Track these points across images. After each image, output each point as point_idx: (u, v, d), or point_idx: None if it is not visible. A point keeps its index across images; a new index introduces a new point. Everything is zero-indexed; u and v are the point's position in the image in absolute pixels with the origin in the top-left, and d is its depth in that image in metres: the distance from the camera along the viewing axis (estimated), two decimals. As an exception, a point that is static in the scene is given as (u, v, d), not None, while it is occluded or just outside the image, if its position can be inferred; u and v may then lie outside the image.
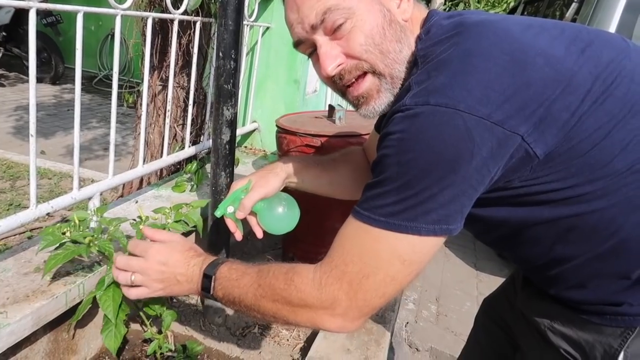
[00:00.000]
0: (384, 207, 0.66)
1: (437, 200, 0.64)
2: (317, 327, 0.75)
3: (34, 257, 1.25)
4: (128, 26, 1.97)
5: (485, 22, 0.70)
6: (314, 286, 0.73)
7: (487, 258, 3.22)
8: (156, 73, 1.94)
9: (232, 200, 1.04)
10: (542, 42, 0.67)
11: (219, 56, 1.36)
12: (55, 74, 6.13)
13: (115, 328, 1.13)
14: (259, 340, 1.54)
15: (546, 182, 0.66)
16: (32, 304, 1.08)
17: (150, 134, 2.01)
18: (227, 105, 1.40)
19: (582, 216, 0.68)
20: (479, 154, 0.61)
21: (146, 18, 1.56)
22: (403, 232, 0.65)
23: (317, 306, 0.73)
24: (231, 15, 1.32)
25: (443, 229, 0.65)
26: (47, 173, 3.08)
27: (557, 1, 3.84)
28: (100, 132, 4.49)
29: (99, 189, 1.43)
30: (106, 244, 1.14)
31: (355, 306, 0.71)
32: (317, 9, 0.75)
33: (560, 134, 0.63)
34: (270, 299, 0.78)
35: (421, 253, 0.68)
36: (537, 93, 0.62)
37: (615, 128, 0.64)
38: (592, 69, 0.65)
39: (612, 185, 0.65)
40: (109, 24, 6.97)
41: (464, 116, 0.61)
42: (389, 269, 0.68)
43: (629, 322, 0.71)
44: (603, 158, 0.64)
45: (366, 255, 0.69)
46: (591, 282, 0.73)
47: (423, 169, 0.63)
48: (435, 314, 2.55)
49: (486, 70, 0.63)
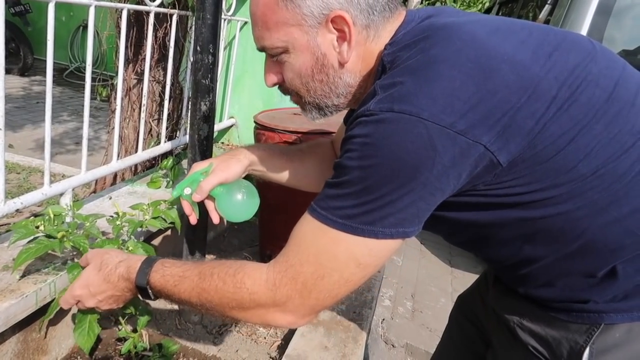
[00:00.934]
0: (343, 209, 0.67)
1: (396, 206, 0.64)
2: (267, 323, 0.76)
3: (2, 254, 1.20)
4: (102, 17, 1.92)
5: (452, 25, 0.70)
6: (267, 287, 0.73)
7: (462, 255, 3.26)
8: (131, 66, 1.90)
9: (190, 182, 1.03)
10: (508, 47, 0.67)
11: (196, 50, 1.34)
12: (24, 65, 5.95)
13: (88, 327, 1.10)
14: (236, 338, 1.53)
15: (510, 186, 0.67)
16: (1, 304, 1.04)
17: (124, 128, 1.96)
18: (204, 100, 1.38)
19: (548, 219, 0.69)
20: (440, 163, 0.62)
21: (121, 9, 1.52)
22: (360, 235, 0.66)
23: (269, 305, 0.74)
24: (209, 9, 1.30)
25: (399, 232, 0.66)
26: (15, 168, 2.98)
27: (530, 3, 3.92)
28: (72, 125, 4.38)
29: (71, 184, 1.39)
30: (81, 240, 1.11)
31: (308, 304, 0.72)
32: (257, 43, 0.82)
33: (525, 141, 0.63)
34: (218, 303, 0.78)
35: (377, 256, 0.69)
36: (502, 101, 0.62)
37: (580, 133, 0.64)
38: (558, 74, 0.65)
39: (577, 189, 0.66)
40: (80, 14, 6.78)
41: (427, 124, 0.61)
42: (344, 271, 0.69)
43: (594, 319, 0.73)
44: (567, 163, 0.65)
45: (322, 256, 0.69)
46: (559, 280, 0.74)
47: (384, 175, 0.63)
48: (410, 311, 2.57)
49: (451, 78, 0.63)
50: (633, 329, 0.72)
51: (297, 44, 0.77)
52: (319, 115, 0.87)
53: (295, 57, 0.78)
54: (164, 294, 0.85)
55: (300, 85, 0.82)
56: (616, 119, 0.66)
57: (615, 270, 0.70)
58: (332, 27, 0.74)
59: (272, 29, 0.77)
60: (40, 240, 1.08)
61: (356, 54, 0.77)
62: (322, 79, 0.79)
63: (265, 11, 0.77)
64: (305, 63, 0.78)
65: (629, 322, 0.71)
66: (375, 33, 0.77)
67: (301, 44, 0.76)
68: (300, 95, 0.84)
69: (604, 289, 0.72)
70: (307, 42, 0.76)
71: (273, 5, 0.75)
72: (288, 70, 0.81)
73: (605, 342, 0.72)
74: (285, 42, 0.77)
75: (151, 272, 0.85)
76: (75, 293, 0.94)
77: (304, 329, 1.48)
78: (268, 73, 0.85)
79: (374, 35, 0.77)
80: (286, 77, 0.82)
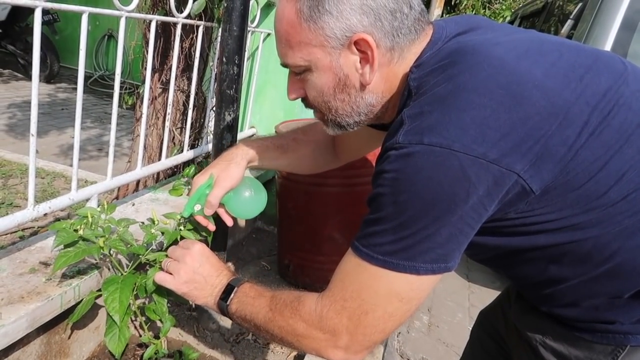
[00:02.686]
0: (382, 245, 0.67)
1: (435, 240, 0.64)
2: (322, 356, 0.77)
3: (29, 257, 1.23)
4: (129, 28, 1.97)
5: (481, 49, 0.68)
6: (315, 318, 0.75)
7: (480, 270, 3.23)
8: (157, 76, 1.94)
9: (198, 198, 1.06)
10: (539, 72, 0.65)
11: (222, 61, 1.36)
12: (50, 73, 6.09)
13: (119, 332, 1.11)
14: (253, 347, 1.53)
15: (542, 213, 0.66)
16: (27, 306, 1.06)
17: (148, 136, 2.00)
18: (229, 110, 1.40)
19: (576, 243, 0.68)
20: (475, 194, 0.61)
21: (149, 20, 1.56)
22: (401, 271, 0.66)
23: (320, 338, 0.75)
24: (236, 21, 1.33)
25: (441, 267, 0.66)
26: (40, 172, 3.05)
27: (552, 17, 3.89)
28: (95, 132, 4.46)
29: (97, 190, 1.42)
30: (117, 243, 1.13)
31: (356, 340, 0.73)
32: (281, 59, 0.82)
33: (557, 168, 0.62)
34: (278, 325, 0.80)
35: (419, 290, 0.68)
36: (534, 128, 0.61)
37: (612, 159, 0.63)
38: (589, 98, 0.64)
39: (607, 214, 0.65)
40: (106, 24, 6.94)
41: (459, 156, 0.60)
42: (387, 306, 0.69)
43: (620, 340, 0.71)
44: (599, 189, 0.64)
45: (364, 292, 0.70)
46: (584, 301, 0.73)
47: (419, 209, 0.63)
48: (427, 325, 2.55)
49: (481, 107, 0.62)
50: None
51: (319, 64, 0.77)
52: (340, 131, 0.88)
53: (317, 76, 0.78)
54: (241, 302, 0.87)
55: (322, 103, 0.82)
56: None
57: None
58: (355, 49, 0.74)
59: (294, 48, 0.77)
60: (79, 245, 1.09)
61: (380, 75, 0.77)
62: (343, 99, 0.79)
63: (289, 30, 0.76)
64: (328, 83, 0.78)
65: None
66: (400, 55, 0.76)
67: (324, 64, 0.76)
68: (322, 112, 0.84)
69: (631, 309, 0.71)
70: (329, 62, 0.76)
71: (296, 25, 0.75)
72: (310, 88, 0.81)
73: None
74: (308, 62, 0.77)
75: (245, 281, 0.90)
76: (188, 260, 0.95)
77: (322, 340, 1.48)
78: (291, 88, 0.85)
79: (398, 57, 0.76)
80: (309, 94, 0.83)
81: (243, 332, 1.59)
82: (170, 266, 0.96)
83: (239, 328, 1.60)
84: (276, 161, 1.16)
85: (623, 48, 2.74)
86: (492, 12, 7.46)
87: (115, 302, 1.09)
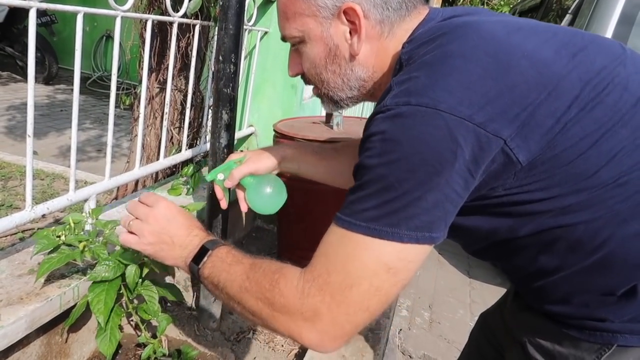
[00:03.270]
0: (365, 211, 0.63)
1: (420, 205, 0.61)
2: (293, 337, 0.70)
3: (28, 259, 1.23)
4: (126, 28, 1.96)
5: (472, 23, 0.69)
6: (296, 294, 0.68)
7: (480, 266, 3.23)
8: (154, 75, 1.94)
9: (224, 169, 1.09)
10: (530, 45, 0.65)
11: (218, 60, 1.36)
12: (48, 74, 6.08)
13: (110, 333, 1.12)
14: (254, 345, 1.53)
15: (529, 191, 0.65)
16: (26, 307, 1.06)
17: (146, 136, 2.00)
18: (226, 109, 1.40)
19: (566, 228, 0.66)
20: (461, 156, 0.60)
21: (145, 20, 1.55)
22: (385, 238, 0.62)
23: (297, 317, 0.68)
24: (232, 19, 1.32)
25: (426, 237, 0.62)
26: (39, 174, 3.05)
27: (551, 12, 3.88)
28: (94, 133, 4.46)
29: (95, 190, 1.42)
30: (100, 250, 1.14)
31: (337, 322, 0.66)
32: (280, 32, 0.85)
33: (544, 140, 0.61)
34: (254, 296, 0.73)
35: (406, 261, 0.64)
36: (521, 96, 0.61)
37: (604, 137, 0.62)
38: (582, 74, 0.63)
39: (598, 197, 0.63)
40: (103, 25, 6.93)
41: (445, 116, 0.59)
42: (373, 278, 0.64)
43: (607, 339, 0.69)
44: (588, 168, 0.62)
45: (349, 263, 0.65)
46: (575, 296, 0.71)
47: (405, 170, 0.61)
48: (428, 321, 2.55)
49: (468, 72, 0.62)
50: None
51: (312, 34, 0.79)
52: (335, 107, 0.88)
53: (310, 47, 0.81)
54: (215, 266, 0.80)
55: (315, 75, 0.83)
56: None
57: (635, 289, 0.66)
58: (344, 19, 0.76)
59: (290, 19, 0.80)
60: (62, 250, 1.11)
61: (370, 49, 0.78)
62: (334, 70, 0.81)
63: (286, 2, 0.80)
64: (319, 53, 0.80)
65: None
66: (390, 30, 0.76)
67: (315, 35, 0.79)
68: (317, 86, 0.86)
69: (622, 308, 0.69)
70: (320, 32, 0.78)
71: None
72: (305, 60, 0.83)
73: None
74: (301, 32, 0.80)
75: (222, 245, 0.83)
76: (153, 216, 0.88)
77: (322, 338, 1.48)
78: (291, 64, 0.87)
79: (388, 32, 0.77)
80: (304, 67, 0.85)
81: (244, 330, 1.59)
82: (133, 226, 0.89)
83: (240, 326, 1.60)
84: (313, 167, 1.12)
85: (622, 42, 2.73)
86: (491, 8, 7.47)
87: (100, 303, 1.10)
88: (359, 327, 0.67)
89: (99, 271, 1.12)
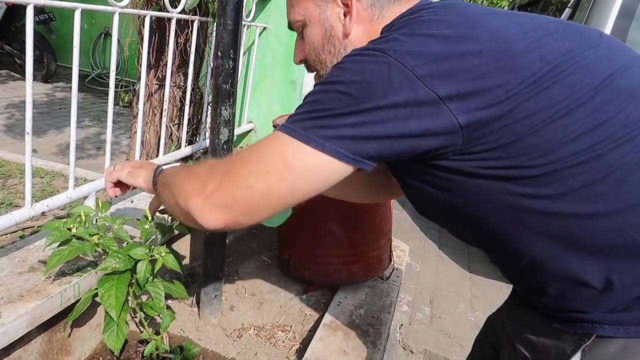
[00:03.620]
0: (293, 116, 0.71)
1: (337, 120, 0.66)
2: (185, 202, 0.76)
3: (29, 256, 1.23)
4: (124, 25, 1.96)
5: (449, 3, 0.74)
6: (207, 165, 0.80)
7: (481, 260, 3.23)
8: (153, 72, 1.93)
9: None
10: (497, 23, 0.68)
11: (217, 56, 1.36)
12: (47, 72, 6.07)
13: (117, 328, 1.12)
14: (255, 341, 1.53)
15: (483, 159, 0.67)
16: (27, 304, 1.06)
17: (146, 133, 2.00)
18: (225, 105, 1.39)
19: (532, 201, 0.67)
20: (391, 98, 0.64)
21: (144, 16, 1.55)
22: (296, 137, 0.68)
23: (194, 182, 0.77)
24: (230, 15, 1.32)
25: (332, 149, 0.66)
26: (39, 172, 3.04)
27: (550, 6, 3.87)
28: (93, 131, 4.45)
29: (95, 188, 1.42)
30: (110, 243, 1.14)
31: (222, 188, 0.73)
32: (287, 18, 0.93)
33: (490, 109, 0.63)
34: (184, 172, 0.85)
35: (304, 162, 0.68)
36: (471, 65, 0.63)
37: (559, 115, 0.63)
38: (545, 54, 0.65)
39: (556, 174, 0.64)
40: (102, 22, 6.92)
41: (390, 61, 0.65)
42: (269, 162, 0.70)
43: (587, 329, 0.70)
44: (543, 143, 0.64)
45: (258, 146, 0.73)
46: (550, 285, 0.72)
47: (337, 90, 0.67)
48: (429, 316, 2.55)
49: (427, 36, 0.67)
50: (629, 346, 0.67)
51: (311, 17, 0.87)
52: None
53: (310, 30, 0.88)
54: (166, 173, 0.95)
55: (315, 57, 0.90)
56: (606, 107, 0.64)
57: (611, 282, 0.67)
58: (339, 1, 0.83)
59: (294, 5, 0.89)
60: (72, 243, 1.10)
61: (362, 31, 0.84)
62: (330, 50, 0.87)
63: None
64: (317, 34, 0.87)
65: (625, 337, 0.68)
66: (379, 13, 0.83)
67: (314, 17, 0.86)
68: (317, 69, 0.92)
69: (600, 301, 0.69)
70: (318, 14, 0.86)
71: None
72: (307, 43, 0.90)
73: (596, 356, 0.69)
74: (303, 16, 0.88)
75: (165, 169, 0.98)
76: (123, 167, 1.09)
77: (323, 333, 1.48)
78: (296, 51, 0.95)
79: (378, 15, 0.83)
80: (306, 52, 0.91)
81: (245, 327, 1.60)
82: (116, 167, 1.10)
83: (241, 323, 1.60)
84: None
85: (622, 35, 2.72)
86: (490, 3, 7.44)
87: (112, 298, 1.10)
88: (237, 203, 0.72)
89: (109, 263, 1.12)
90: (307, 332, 1.61)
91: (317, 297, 1.81)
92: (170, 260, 1.16)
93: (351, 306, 1.66)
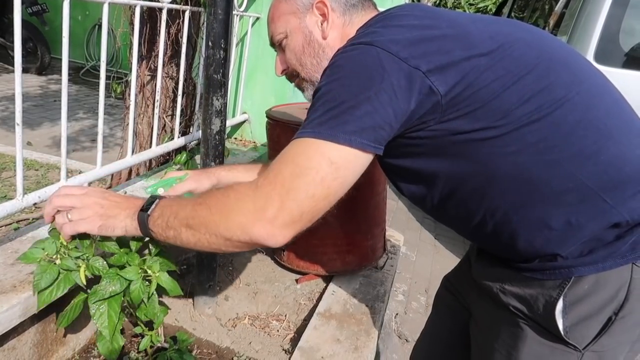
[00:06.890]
0: (313, 120, 0.78)
1: (353, 113, 0.75)
2: (246, 233, 0.77)
3: (21, 247, 1.23)
4: (116, 15, 1.95)
5: (410, 4, 0.92)
6: (250, 187, 0.79)
7: (476, 250, 3.24)
8: (144, 63, 1.92)
9: (165, 184, 1.16)
10: (451, 16, 0.85)
11: (208, 45, 1.35)
12: (41, 64, 6.04)
13: (111, 339, 1.07)
14: (249, 331, 1.54)
15: (459, 125, 0.79)
16: (20, 295, 1.06)
17: (138, 124, 1.99)
18: (216, 95, 1.39)
19: (495, 161, 0.80)
20: (388, 79, 0.75)
21: (134, 6, 1.54)
22: (326, 139, 0.75)
23: (249, 209, 0.77)
24: (220, 4, 1.31)
25: (357, 142, 0.75)
26: (33, 164, 3.04)
27: (545, -5, 3.86)
28: (88, 123, 4.44)
29: (87, 179, 1.42)
30: (96, 263, 1.05)
31: (286, 207, 0.76)
32: (270, 39, 1.07)
33: (460, 78, 0.77)
34: (207, 207, 0.82)
35: (345, 160, 0.76)
36: (440, 45, 0.78)
37: (512, 81, 0.78)
38: (493, 34, 0.81)
39: (516, 131, 0.78)
40: (96, 13, 6.87)
41: (378, 50, 0.77)
42: (318, 169, 0.76)
43: (566, 274, 0.82)
44: (503, 106, 0.77)
45: (298, 157, 0.77)
46: (520, 234, 0.83)
47: (343, 84, 0.77)
48: (424, 306, 2.57)
49: (399, 27, 0.82)
50: (599, 280, 0.81)
51: (292, 28, 1.00)
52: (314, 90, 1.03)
53: (291, 39, 1.01)
54: (163, 207, 0.88)
55: (296, 61, 1.02)
56: (546, 73, 0.79)
57: (569, 222, 0.80)
58: (316, 11, 0.99)
59: (276, 21, 1.03)
60: (60, 279, 1.03)
61: (336, 34, 0.99)
62: (310, 53, 1.00)
63: (273, 10, 1.04)
64: (299, 41, 1.00)
65: (595, 273, 0.81)
66: (350, 20, 1.00)
67: (295, 27, 1.00)
68: (298, 73, 1.04)
69: (566, 241, 0.81)
70: (299, 24, 1.00)
71: (277, 3, 1.03)
72: (288, 52, 1.03)
73: (576, 293, 0.82)
74: (285, 28, 1.01)
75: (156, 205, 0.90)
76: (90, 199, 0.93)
77: (317, 322, 1.49)
78: (277, 64, 1.08)
79: (349, 21, 1.00)
80: (288, 60, 1.04)
81: (240, 316, 1.60)
82: (72, 214, 0.94)
83: (236, 312, 1.61)
84: None
85: (617, 24, 2.72)
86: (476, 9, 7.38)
87: (104, 317, 1.03)
88: (305, 215, 0.77)
89: (105, 287, 1.04)
90: (302, 321, 1.62)
91: (311, 286, 1.81)
92: (164, 279, 1.12)
93: (345, 295, 1.67)
